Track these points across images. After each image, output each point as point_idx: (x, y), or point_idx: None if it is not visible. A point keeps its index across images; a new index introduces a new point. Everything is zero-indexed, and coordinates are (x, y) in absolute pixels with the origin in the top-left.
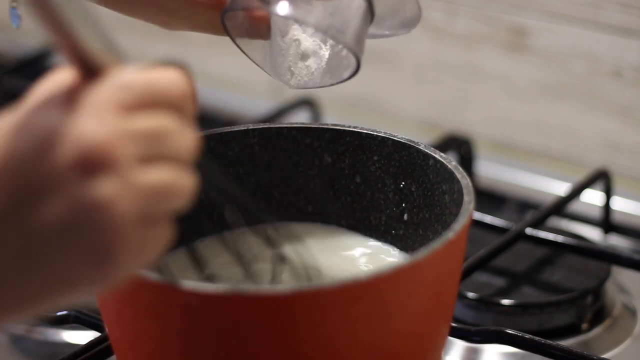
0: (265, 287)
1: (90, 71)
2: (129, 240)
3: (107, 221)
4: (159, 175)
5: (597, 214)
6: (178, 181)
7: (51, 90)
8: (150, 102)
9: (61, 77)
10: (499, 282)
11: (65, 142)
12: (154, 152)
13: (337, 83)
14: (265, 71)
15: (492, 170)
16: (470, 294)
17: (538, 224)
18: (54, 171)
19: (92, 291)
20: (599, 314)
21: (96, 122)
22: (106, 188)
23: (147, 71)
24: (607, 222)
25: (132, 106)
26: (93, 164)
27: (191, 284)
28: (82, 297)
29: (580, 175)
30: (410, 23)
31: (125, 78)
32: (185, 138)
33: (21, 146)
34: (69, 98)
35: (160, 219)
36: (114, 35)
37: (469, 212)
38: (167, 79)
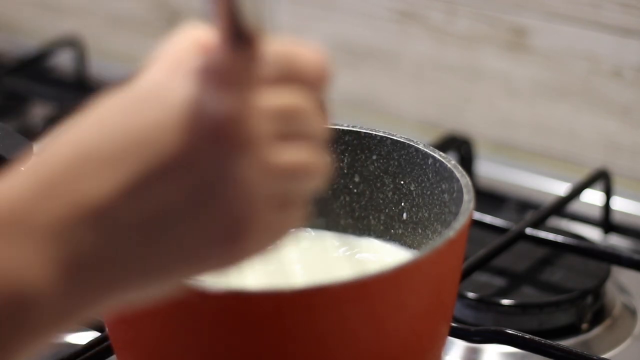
0: (266, 286)
1: (237, 38)
2: (260, 221)
3: (239, 199)
4: (295, 155)
5: (597, 214)
6: (314, 162)
7: (187, 50)
8: (289, 77)
9: (197, 35)
10: (499, 282)
11: (203, 115)
12: (291, 130)
13: None
14: None
15: (492, 170)
16: (470, 294)
17: (538, 224)
18: (189, 144)
19: (218, 271)
20: (599, 314)
21: (235, 97)
22: (241, 166)
23: (291, 46)
24: (607, 222)
25: (273, 81)
26: (229, 140)
27: (192, 283)
28: (206, 275)
29: (580, 175)
30: None
31: (270, 51)
32: (321, 118)
33: (156, 115)
34: (210, 67)
35: (292, 200)
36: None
37: (469, 210)
38: (309, 56)
